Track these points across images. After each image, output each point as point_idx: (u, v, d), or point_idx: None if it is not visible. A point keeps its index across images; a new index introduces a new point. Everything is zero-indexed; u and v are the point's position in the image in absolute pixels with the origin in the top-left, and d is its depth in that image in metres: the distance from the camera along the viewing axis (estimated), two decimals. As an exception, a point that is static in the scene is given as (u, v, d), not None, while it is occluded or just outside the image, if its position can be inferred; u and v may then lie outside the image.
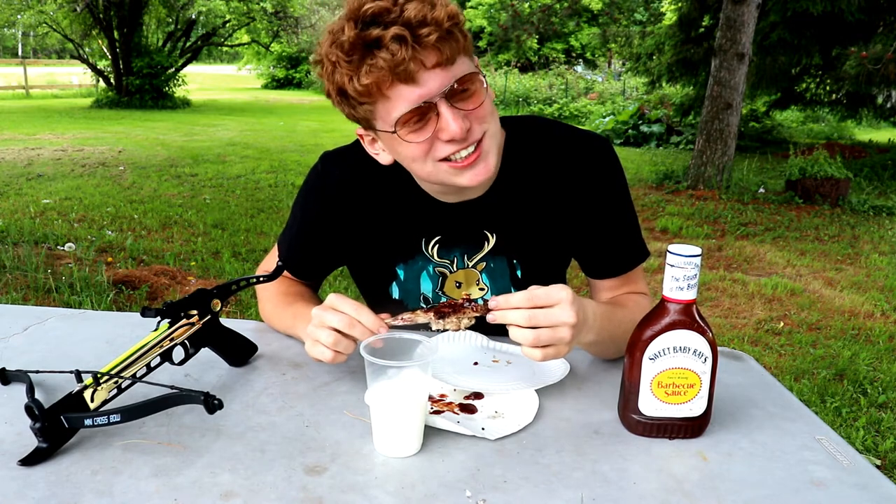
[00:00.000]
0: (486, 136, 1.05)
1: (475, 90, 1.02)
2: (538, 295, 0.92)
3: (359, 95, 0.99)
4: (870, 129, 14.47)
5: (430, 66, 0.96)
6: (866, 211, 6.88)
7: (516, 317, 0.91)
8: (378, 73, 0.94)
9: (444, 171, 1.06)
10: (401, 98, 0.98)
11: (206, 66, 45.26)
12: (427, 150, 1.03)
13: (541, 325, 0.91)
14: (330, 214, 1.24)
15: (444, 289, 1.25)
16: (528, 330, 0.91)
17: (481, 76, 1.03)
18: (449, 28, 0.95)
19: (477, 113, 1.03)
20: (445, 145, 1.02)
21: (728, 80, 7.49)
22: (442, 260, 1.23)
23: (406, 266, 1.25)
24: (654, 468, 0.84)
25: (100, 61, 19.39)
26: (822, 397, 3.08)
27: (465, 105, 1.01)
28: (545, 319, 0.91)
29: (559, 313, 0.91)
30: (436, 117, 1.00)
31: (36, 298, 3.94)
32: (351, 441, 0.88)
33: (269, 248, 5.36)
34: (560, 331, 0.92)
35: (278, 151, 10.22)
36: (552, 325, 0.91)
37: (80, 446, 0.85)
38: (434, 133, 1.01)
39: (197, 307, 1.03)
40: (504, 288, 1.23)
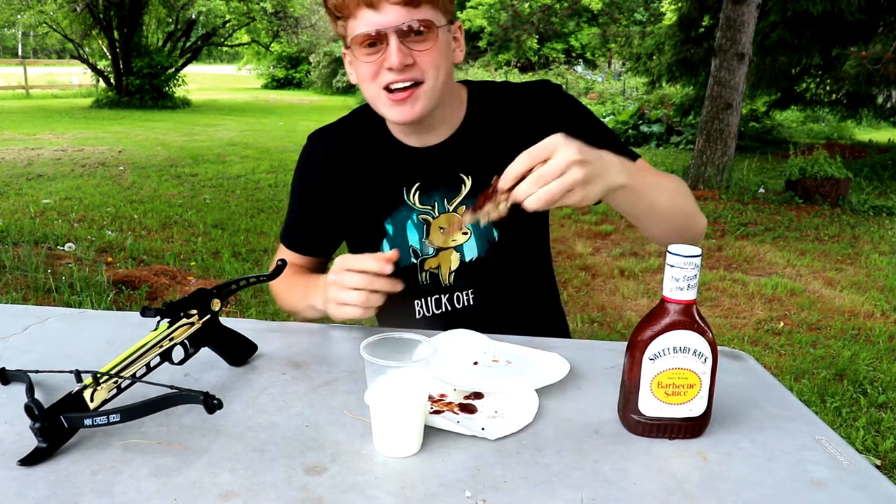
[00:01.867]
0: (426, 82, 1.15)
1: (428, 37, 1.13)
2: (534, 151, 0.92)
3: (336, 10, 1.15)
4: (870, 129, 14.47)
5: (392, 1, 1.09)
6: (866, 211, 6.88)
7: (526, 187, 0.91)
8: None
9: (381, 100, 1.18)
10: (363, 20, 1.12)
11: (206, 66, 45.24)
12: (374, 73, 1.15)
13: (551, 176, 0.90)
14: (320, 186, 1.36)
15: (430, 237, 1.31)
16: (539, 189, 0.91)
17: (441, 30, 1.15)
18: None
19: (422, 56, 1.14)
20: (387, 73, 1.13)
21: (728, 80, 7.49)
22: (424, 206, 1.30)
23: (392, 219, 1.33)
24: (654, 468, 0.84)
25: (100, 61, 19.39)
26: (822, 397, 3.08)
27: (416, 46, 1.13)
28: (549, 171, 0.90)
29: (560, 157, 0.91)
30: (385, 47, 1.12)
31: (36, 298, 3.94)
32: (351, 441, 0.88)
33: (269, 248, 5.39)
34: (569, 174, 0.91)
35: (278, 151, 10.22)
36: (558, 171, 0.90)
37: (80, 446, 0.85)
38: (379, 59, 1.13)
39: (197, 307, 1.03)
40: (487, 230, 1.30)
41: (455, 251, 1.32)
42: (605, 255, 5.31)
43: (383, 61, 1.13)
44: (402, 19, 1.10)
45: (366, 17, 1.11)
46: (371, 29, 1.11)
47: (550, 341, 1.20)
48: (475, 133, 1.29)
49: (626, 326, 3.84)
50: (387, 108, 1.18)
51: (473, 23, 27.43)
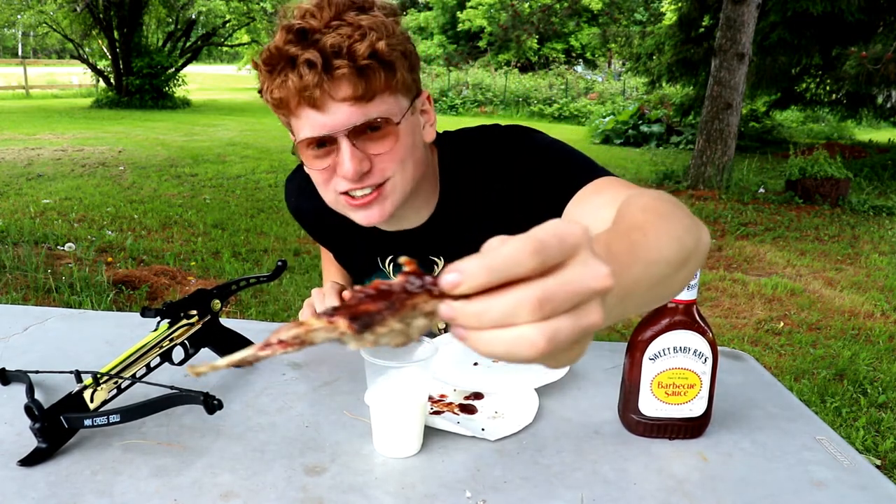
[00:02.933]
0: (390, 182, 1.00)
1: (387, 134, 0.97)
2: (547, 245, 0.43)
3: (274, 106, 0.98)
4: (870, 129, 14.47)
5: (338, 99, 0.93)
6: (866, 211, 6.88)
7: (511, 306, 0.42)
8: (287, 91, 0.93)
9: (342, 205, 1.04)
10: (307, 121, 0.95)
11: (206, 66, 45.24)
12: (327, 179, 1.01)
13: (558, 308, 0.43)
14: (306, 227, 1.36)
15: None
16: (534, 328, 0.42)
17: (404, 122, 0.98)
18: (366, 65, 0.91)
19: (382, 157, 0.98)
20: (342, 181, 0.99)
21: (728, 80, 7.49)
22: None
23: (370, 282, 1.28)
24: (655, 468, 0.84)
25: (100, 61, 19.39)
26: (822, 397, 3.08)
27: (370, 148, 0.97)
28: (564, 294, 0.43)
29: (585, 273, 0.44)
30: (336, 150, 0.97)
31: (36, 298, 3.94)
32: (351, 441, 0.88)
33: (269, 248, 5.38)
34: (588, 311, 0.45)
35: (278, 151, 10.22)
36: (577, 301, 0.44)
37: (80, 446, 0.85)
38: (332, 164, 0.98)
39: (197, 307, 1.03)
40: None
41: None
42: (605, 255, 5.31)
43: (336, 166, 0.98)
44: (352, 119, 0.93)
45: (309, 117, 0.94)
46: (317, 132, 0.95)
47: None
48: (448, 218, 1.15)
49: (626, 326, 3.84)
50: (351, 212, 1.04)
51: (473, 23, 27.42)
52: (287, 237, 5.49)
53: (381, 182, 1.00)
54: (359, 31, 0.91)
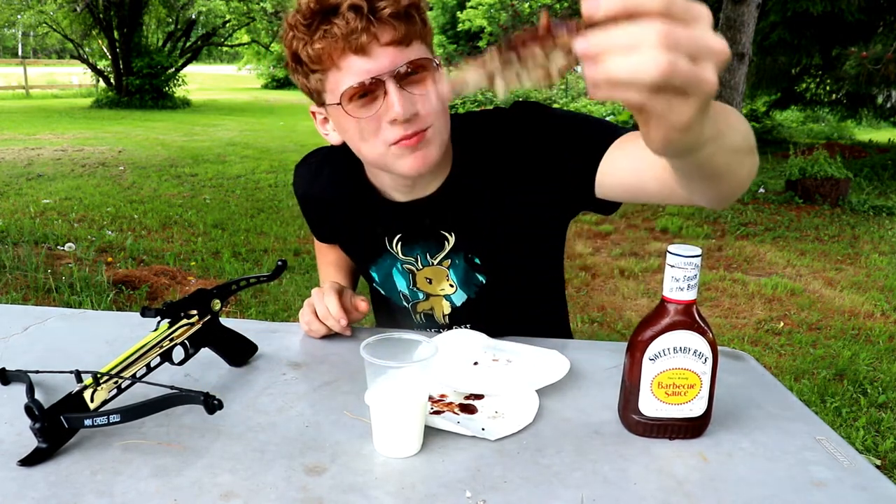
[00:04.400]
0: (432, 128, 1.02)
1: (426, 77, 0.99)
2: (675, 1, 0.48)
3: (311, 62, 0.98)
4: (870, 129, 14.46)
5: (383, 42, 0.95)
6: (866, 211, 6.88)
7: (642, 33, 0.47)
8: (331, 40, 0.94)
9: (390, 155, 1.03)
10: (351, 70, 0.96)
11: (206, 66, 45.24)
12: (376, 128, 1.00)
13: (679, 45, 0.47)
14: (311, 217, 1.38)
15: (417, 285, 1.27)
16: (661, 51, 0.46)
17: (437, 67, 1.01)
18: (407, 9, 0.95)
19: (424, 102, 1.00)
20: (391, 127, 0.99)
21: (728, 80, 7.49)
22: (406, 257, 1.24)
23: (377, 267, 1.29)
24: (655, 468, 0.84)
25: (100, 61, 19.39)
26: (822, 397, 3.08)
27: (415, 89, 0.99)
28: (687, 38, 0.47)
29: (706, 35, 0.49)
30: (383, 96, 0.97)
31: (36, 298, 3.94)
32: (351, 441, 0.88)
33: (269, 248, 5.39)
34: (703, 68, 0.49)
35: (278, 151, 10.21)
36: (695, 49, 0.48)
37: (80, 446, 0.85)
38: (378, 112, 0.99)
39: (197, 307, 1.03)
40: (470, 279, 1.24)
41: (444, 299, 1.27)
42: (605, 255, 5.31)
43: (383, 113, 0.98)
44: (396, 62, 0.96)
45: (354, 65, 0.95)
46: (364, 78, 0.96)
47: (550, 341, 1.20)
48: (460, 188, 1.16)
49: (627, 326, 3.84)
50: (398, 161, 1.03)
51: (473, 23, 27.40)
52: (287, 237, 5.49)
53: (426, 126, 1.01)
54: None
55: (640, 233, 5.99)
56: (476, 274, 1.23)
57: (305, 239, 5.36)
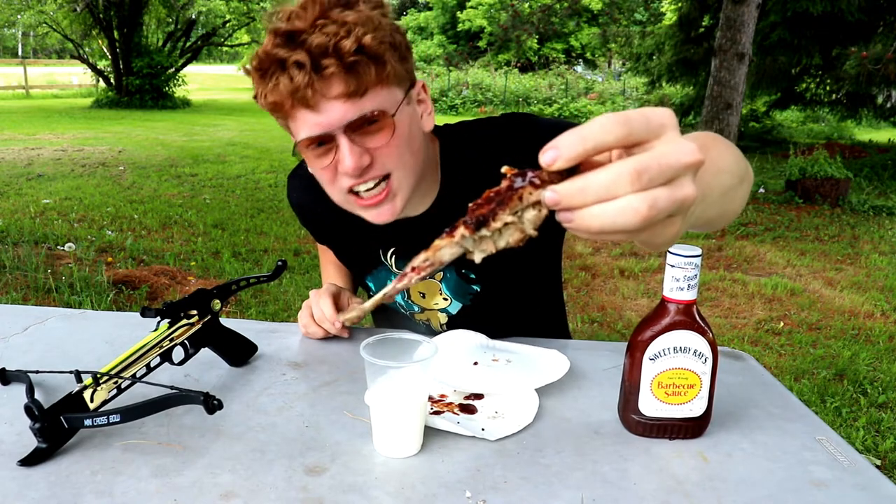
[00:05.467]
0: (394, 177, 1.01)
1: (383, 126, 0.97)
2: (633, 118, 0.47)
3: (270, 110, 0.98)
4: (870, 129, 14.47)
5: (331, 97, 0.93)
6: (866, 211, 6.88)
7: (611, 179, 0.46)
8: (279, 94, 0.93)
9: (352, 205, 1.04)
10: (303, 122, 0.96)
11: (206, 66, 45.22)
12: (332, 178, 1.01)
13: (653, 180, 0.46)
14: (308, 224, 1.37)
15: (411, 298, 1.28)
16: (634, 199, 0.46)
17: (399, 111, 0.98)
18: (354, 61, 0.91)
19: (382, 151, 0.98)
20: (346, 177, 0.99)
21: (728, 80, 7.49)
22: (400, 271, 1.22)
23: (372, 277, 1.30)
24: (655, 468, 0.84)
25: (100, 61, 19.39)
26: (822, 397, 3.08)
27: (368, 142, 0.97)
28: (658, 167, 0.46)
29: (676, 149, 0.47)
30: (336, 148, 0.97)
31: (36, 298, 3.94)
32: (351, 441, 0.88)
33: (269, 248, 5.38)
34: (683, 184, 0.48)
35: (278, 151, 10.22)
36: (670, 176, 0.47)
37: (80, 446, 0.85)
38: (334, 161, 0.98)
39: (197, 307, 1.03)
40: (462, 292, 1.24)
41: (439, 312, 1.28)
42: (605, 255, 5.31)
43: (337, 163, 0.98)
44: (347, 115, 0.94)
45: (304, 117, 0.95)
46: (314, 131, 0.95)
47: (550, 342, 1.20)
48: (451, 203, 1.13)
49: (627, 326, 3.84)
50: (361, 211, 1.05)
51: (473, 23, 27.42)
52: (287, 237, 5.49)
53: (382, 175, 1.00)
54: (344, 28, 0.90)
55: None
56: (469, 285, 1.24)
57: (305, 239, 5.36)
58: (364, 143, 0.97)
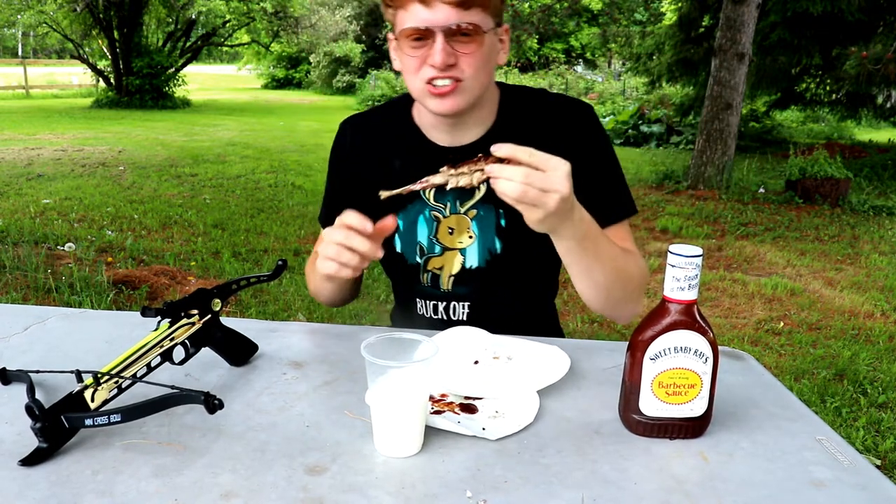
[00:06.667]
0: (467, 79, 1.17)
1: (474, 39, 1.15)
2: (538, 156, 0.94)
3: (384, 2, 1.19)
4: (870, 129, 14.47)
5: (445, 1, 1.11)
6: (866, 211, 6.88)
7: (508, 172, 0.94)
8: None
9: (424, 92, 1.20)
10: (413, 14, 1.13)
11: (206, 66, 45.22)
12: (417, 67, 1.17)
13: (534, 184, 0.93)
14: (344, 171, 1.40)
15: (438, 235, 1.33)
16: (518, 183, 0.93)
17: (487, 34, 1.16)
18: None
19: (465, 58, 1.16)
20: (429, 68, 1.16)
21: (728, 80, 7.49)
22: (437, 203, 1.32)
23: (405, 213, 1.34)
24: (655, 468, 0.84)
25: (100, 61, 19.39)
26: (822, 397, 3.08)
27: (461, 47, 1.15)
28: (540, 181, 0.94)
29: (554, 179, 0.94)
30: (431, 43, 1.14)
31: (36, 298, 3.94)
32: (351, 441, 0.88)
33: (269, 248, 5.38)
34: (549, 197, 0.94)
35: (278, 151, 10.22)
36: (544, 188, 0.94)
37: (81, 446, 0.85)
38: (424, 54, 1.16)
39: (197, 307, 1.03)
40: (489, 238, 1.31)
41: (459, 254, 1.32)
42: (605, 255, 5.31)
43: (427, 57, 1.15)
44: (450, 19, 1.12)
45: (416, 11, 1.13)
46: (419, 24, 1.13)
47: (551, 341, 1.20)
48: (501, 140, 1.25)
49: (627, 326, 3.84)
50: (429, 99, 1.20)
51: (473, 23, 27.29)
52: (287, 237, 5.50)
53: (459, 78, 1.16)
54: None
55: (640, 233, 5.99)
56: (495, 237, 1.30)
57: (305, 239, 5.37)
58: (455, 46, 1.14)
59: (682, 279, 0.85)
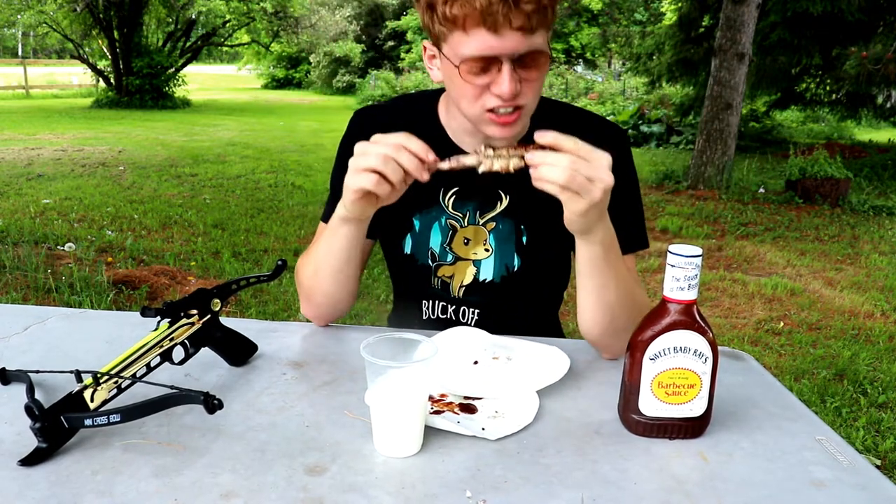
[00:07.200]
0: (528, 103, 1.13)
1: (539, 65, 1.09)
2: (583, 144, 0.93)
3: (444, 18, 1.06)
4: (870, 129, 14.47)
5: (514, 27, 1.02)
6: (866, 211, 6.88)
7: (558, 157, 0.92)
8: (469, 9, 1.01)
9: (485, 120, 1.13)
10: (477, 41, 1.04)
11: (206, 66, 45.22)
12: (479, 94, 1.10)
13: (580, 171, 0.92)
14: None
15: (452, 244, 1.29)
16: (565, 168, 0.91)
17: (548, 56, 1.10)
18: (546, 4, 1.03)
19: (531, 84, 1.10)
20: (493, 97, 1.09)
21: (728, 80, 7.49)
22: (456, 212, 1.28)
23: (421, 216, 1.30)
24: (655, 468, 0.84)
25: (100, 61, 19.38)
26: (822, 397, 3.08)
27: (526, 73, 1.08)
28: (586, 169, 0.92)
29: (600, 168, 0.93)
30: (497, 71, 1.07)
31: (36, 298, 3.94)
32: (351, 441, 0.88)
33: (269, 248, 5.38)
34: (595, 186, 0.93)
35: (278, 151, 10.22)
36: (590, 176, 0.92)
37: (80, 446, 0.85)
38: (488, 83, 1.08)
39: (197, 307, 1.03)
40: (508, 252, 1.28)
41: (472, 265, 1.29)
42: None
43: (490, 84, 1.08)
44: (519, 47, 1.04)
45: (481, 37, 1.03)
46: (486, 52, 1.04)
47: (551, 341, 1.20)
48: None
49: (626, 326, 3.84)
50: (488, 126, 1.14)
51: (473, 23, 27.28)
52: (287, 237, 5.50)
53: (522, 105, 1.11)
54: None
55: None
56: (514, 254, 1.27)
57: (305, 239, 5.36)
58: (522, 73, 1.08)
59: (681, 279, 0.85)
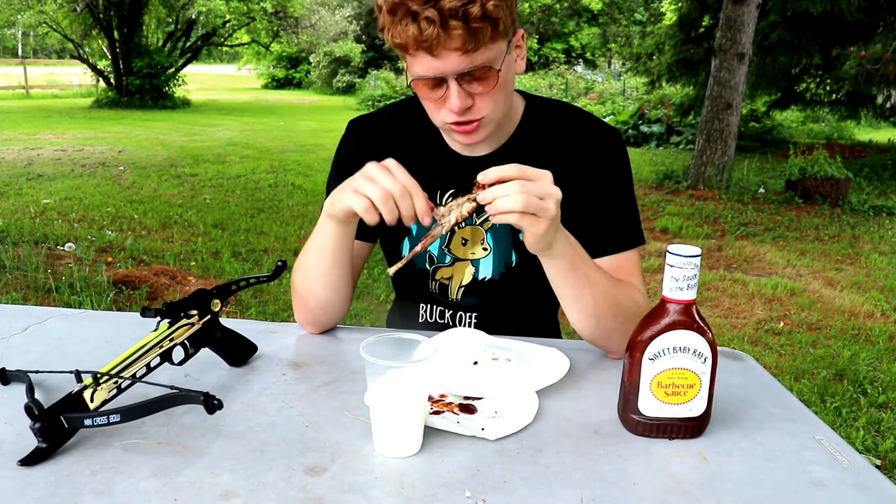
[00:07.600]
0: (487, 114, 1.16)
1: (488, 79, 1.12)
2: (525, 167, 0.94)
3: (392, 42, 1.12)
4: (870, 129, 14.47)
5: (450, 48, 1.06)
6: (866, 211, 6.88)
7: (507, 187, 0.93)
8: (405, 37, 1.06)
9: (447, 129, 1.20)
10: (421, 63, 1.10)
11: (206, 66, 45.23)
12: (436, 109, 1.16)
13: (531, 192, 0.93)
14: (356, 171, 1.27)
15: (451, 246, 1.31)
16: (518, 194, 0.92)
17: (498, 68, 1.12)
18: (478, 26, 1.04)
19: (483, 97, 1.13)
20: (447, 111, 1.14)
21: (728, 80, 7.49)
22: None
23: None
24: (654, 468, 0.84)
25: (100, 61, 19.38)
26: (822, 397, 3.08)
27: (473, 88, 1.12)
28: (535, 189, 0.93)
29: (546, 184, 0.95)
30: (445, 89, 1.12)
31: (36, 298, 3.94)
32: (351, 441, 0.88)
33: (269, 248, 5.38)
34: (548, 202, 0.94)
35: (278, 151, 10.22)
36: (540, 195, 0.93)
37: (80, 446, 0.85)
38: (440, 98, 1.14)
39: (197, 307, 1.03)
40: (506, 250, 1.29)
41: (471, 265, 1.30)
42: (605, 255, 5.31)
43: (443, 99, 1.13)
44: (460, 66, 1.08)
45: (424, 60, 1.09)
46: (430, 72, 1.10)
47: (550, 342, 1.20)
48: (521, 151, 1.26)
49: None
50: (455, 136, 1.20)
51: (473, 23, 27.29)
52: (287, 237, 5.50)
53: (479, 117, 1.15)
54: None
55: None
56: (511, 250, 1.28)
57: (305, 239, 5.36)
58: (470, 88, 1.12)
59: (680, 279, 0.85)
